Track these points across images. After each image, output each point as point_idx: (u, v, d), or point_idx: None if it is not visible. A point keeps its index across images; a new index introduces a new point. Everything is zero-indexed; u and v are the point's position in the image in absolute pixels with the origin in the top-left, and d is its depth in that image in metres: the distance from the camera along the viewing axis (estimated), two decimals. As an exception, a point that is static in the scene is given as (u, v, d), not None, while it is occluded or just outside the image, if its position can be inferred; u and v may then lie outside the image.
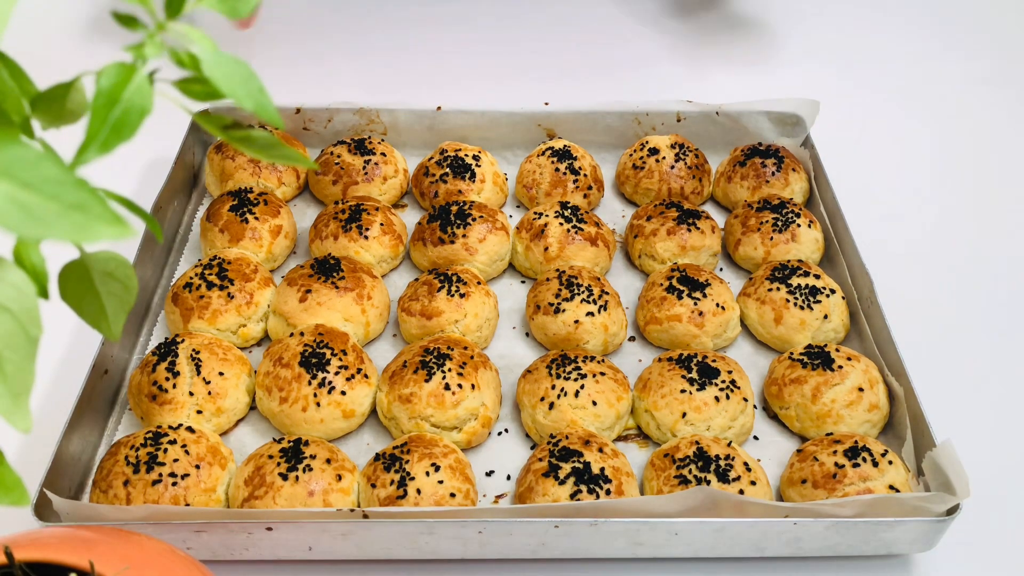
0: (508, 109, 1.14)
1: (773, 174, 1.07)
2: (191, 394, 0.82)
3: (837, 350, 0.86)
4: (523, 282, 1.02)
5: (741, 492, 0.74)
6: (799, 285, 0.92)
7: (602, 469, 0.75)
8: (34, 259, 0.35)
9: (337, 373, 0.83)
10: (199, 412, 0.82)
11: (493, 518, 0.70)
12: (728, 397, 0.82)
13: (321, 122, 1.14)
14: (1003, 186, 1.17)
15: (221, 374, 0.83)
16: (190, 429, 0.79)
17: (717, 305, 0.91)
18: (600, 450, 0.77)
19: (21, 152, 0.29)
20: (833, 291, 0.92)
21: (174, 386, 0.82)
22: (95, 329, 0.44)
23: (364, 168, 1.07)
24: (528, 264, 1.01)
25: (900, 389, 0.82)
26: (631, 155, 1.11)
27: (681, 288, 0.92)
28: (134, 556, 0.50)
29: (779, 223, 0.99)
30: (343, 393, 0.82)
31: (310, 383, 0.82)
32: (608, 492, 0.74)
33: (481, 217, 0.99)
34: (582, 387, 0.82)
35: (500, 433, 0.86)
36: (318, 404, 0.81)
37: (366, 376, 0.85)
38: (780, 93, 1.20)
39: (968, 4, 1.52)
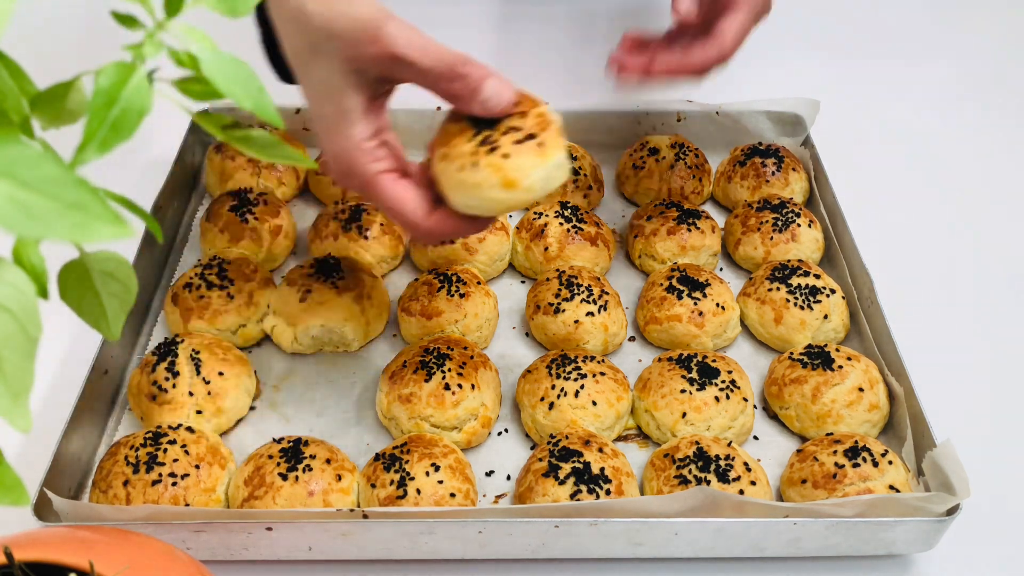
0: (508, 109, 1.13)
1: (773, 174, 1.07)
2: (191, 394, 0.82)
3: (837, 350, 0.86)
4: (523, 282, 1.02)
5: (741, 492, 0.74)
6: (799, 285, 0.92)
7: (602, 469, 0.75)
8: (34, 259, 0.35)
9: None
10: (199, 412, 0.82)
11: (493, 518, 0.70)
12: (728, 397, 0.82)
13: (321, 122, 1.13)
14: (1004, 185, 1.17)
15: (221, 374, 0.83)
16: (190, 429, 0.79)
17: (717, 305, 0.91)
18: (600, 450, 0.77)
19: (21, 152, 0.29)
20: (833, 291, 0.92)
21: (174, 386, 0.82)
22: (95, 329, 0.44)
23: (364, 168, 1.07)
24: (528, 264, 1.01)
25: (900, 389, 0.82)
26: (631, 155, 1.11)
27: (681, 288, 0.92)
28: (134, 556, 0.50)
29: (779, 223, 0.99)
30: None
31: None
32: (608, 492, 0.74)
33: (481, 217, 0.99)
34: (582, 387, 0.82)
35: (500, 433, 0.86)
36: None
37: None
38: (780, 93, 1.20)
39: (968, 3, 1.52)
